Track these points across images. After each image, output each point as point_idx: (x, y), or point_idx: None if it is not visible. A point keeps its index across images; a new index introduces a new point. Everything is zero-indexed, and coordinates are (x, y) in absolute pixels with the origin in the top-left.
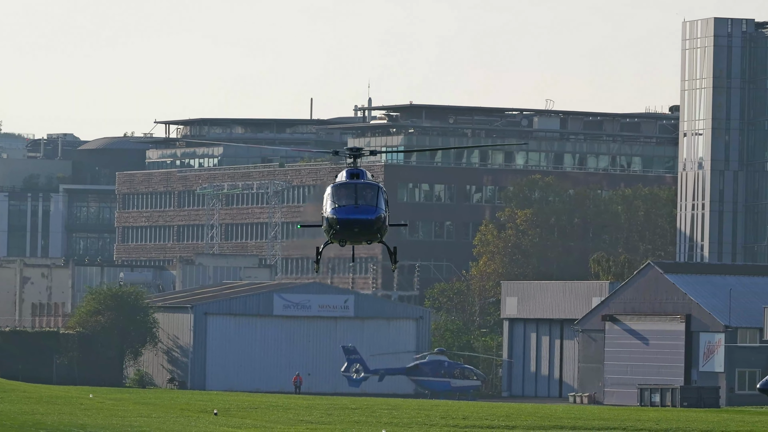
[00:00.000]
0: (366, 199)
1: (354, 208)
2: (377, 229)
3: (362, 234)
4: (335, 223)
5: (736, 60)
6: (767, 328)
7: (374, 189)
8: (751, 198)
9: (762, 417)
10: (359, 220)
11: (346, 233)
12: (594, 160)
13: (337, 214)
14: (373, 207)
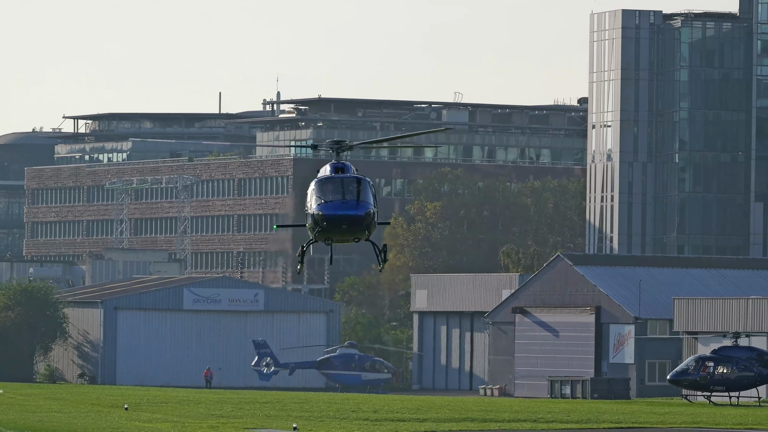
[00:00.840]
0: (353, 193)
1: (341, 203)
2: (366, 226)
3: (350, 231)
4: (321, 220)
5: (644, 52)
6: (677, 320)
7: (362, 183)
8: (660, 190)
9: (672, 408)
10: (347, 217)
11: (332, 231)
12: (503, 153)
13: (323, 210)
14: (362, 202)
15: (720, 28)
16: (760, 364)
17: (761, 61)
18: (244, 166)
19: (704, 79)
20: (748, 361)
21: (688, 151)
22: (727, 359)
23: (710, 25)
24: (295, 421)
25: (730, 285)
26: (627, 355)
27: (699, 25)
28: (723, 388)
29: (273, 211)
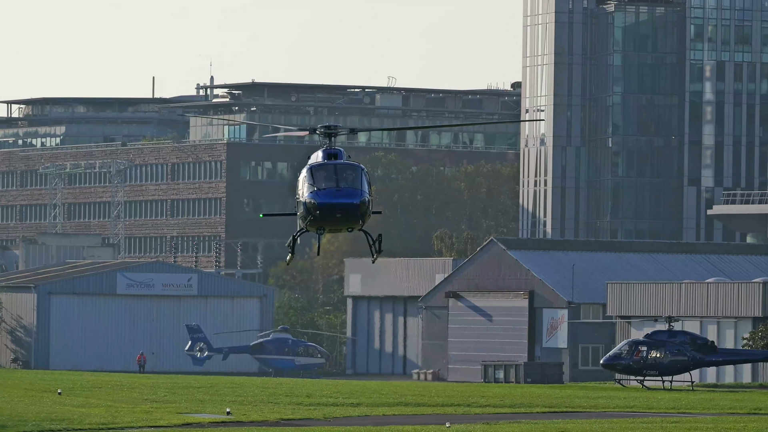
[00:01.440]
0: (348, 180)
1: (336, 191)
2: (361, 215)
3: (344, 220)
4: (314, 208)
5: (577, 36)
6: (610, 304)
7: (357, 170)
8: (593, 174)
9: (605, 392)
10: (342, 205)
11: (326, 220)
12: (436, 138)
13: (316, 198)
14: (357, 190)
15: (653, 12)
16: (693, 348)
17: (694, 46)
18: (178, 150)
19: (637, 64)
20: (681, 345)
21: (622, 136)
22: (660, 344)
23: (643, 10)
24: (229, 405)
25: (663, 269)
26: (560, 340)
27: (632, 9)
28: (656, 372)
29: (206, 196)
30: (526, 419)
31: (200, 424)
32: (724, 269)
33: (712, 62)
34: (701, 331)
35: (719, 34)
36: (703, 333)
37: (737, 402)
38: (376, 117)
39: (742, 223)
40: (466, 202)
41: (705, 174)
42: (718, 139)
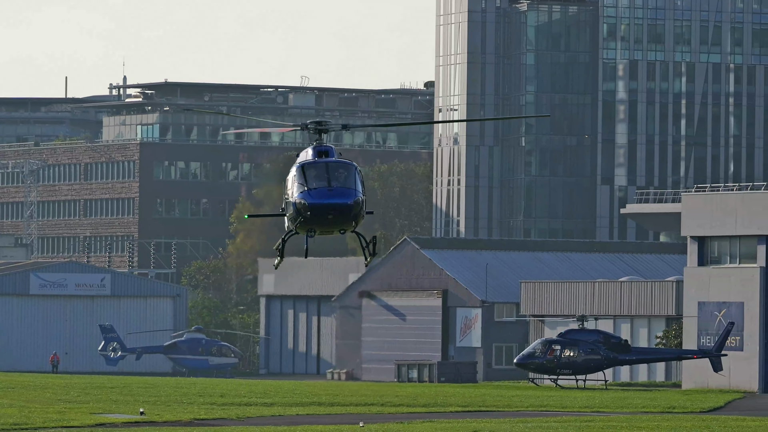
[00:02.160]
0: (340, 180)
1: (327, 191)
2: (354, 216)
3: (336, 222)
4: (305, 209)
5: (490, 35)
6: (523, 303)
7: (350, 169)
8: (506, 173)
9: (519, 392)
10: (334, 206)
11: (317, 221)
12: (349, 137)
13: (307, 198)
14: (351, 189)
15: (566, 11)
16: (606, 347)
17: (607, 45)
18: (91, 150)
19: (550, 63)
20: (594, 344)
21: (535, 135)
22: (573, 342)
23: (556, 9)
24: (142, 405)
25: (576, 268)
26: (474, 339)
27: (545, 8)
28: (570, 371)
29: (119, 196)
30: (440, 419)
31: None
32: (638, 268)
33: (625, 61)
34: (615, 330)
35: (632, 33)
36: (617, 332)
37: (651, 401)
38: (289, 116)
39: (655, 221)
40: (379, 201)
41: (618, 173)
42: (631, 137)
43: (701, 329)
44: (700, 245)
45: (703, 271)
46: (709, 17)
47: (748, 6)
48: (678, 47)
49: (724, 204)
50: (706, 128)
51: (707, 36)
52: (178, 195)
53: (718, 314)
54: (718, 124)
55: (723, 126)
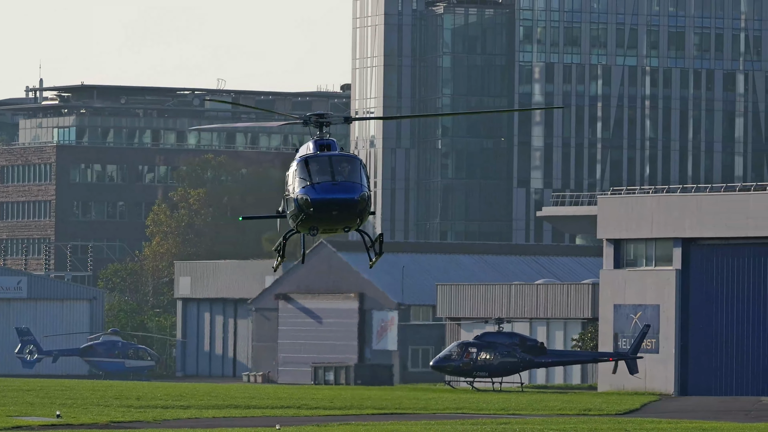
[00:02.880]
0: (345, 174)
1: (331, 185)
2: (359, 212)
3: (341, 218)
4: (307, 205)
5: (406, 38)
6: (440, 306)
7: (354, 162)
8: (422, 176)
9: (434, 394)
10: (338, 201)
11: (321, 218)
12: (266, 140)
13: (309, 193)
14: (356, 184)
15: (482, 14)
16: (522, 349)
17: (523, 48)
18: (7, 153)
19: (467, 66)
20: (510, 346)
21: (451, 137)
22: (489, 345)
23: (473, 12)
24: (59, 408)
25: (492, 271)
26: (390, 342)
27: (461, 11)
28: (486, 373)
29: (36, 198)
30: (356, 421)
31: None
32: (554, 271)
33: (541, 64)
34: (531, 333)
35: (548, 36)
36: (533, 334)
37: (567, 403)
38: (205, 119)
39: (571, 224)
40: None
41: (534, 176)
42: (547, 140)
43: (617, 332)
44: (615, 248)
45: (619, 273)
46: (625, 20)
47: (664, 9)
48: (594, 50)
49: (640, 207)
50: (622, 131)
51: (623, 39)
52: (95, 198)
53: (634, 317)
54: (633, 126)
55: (639, 129)
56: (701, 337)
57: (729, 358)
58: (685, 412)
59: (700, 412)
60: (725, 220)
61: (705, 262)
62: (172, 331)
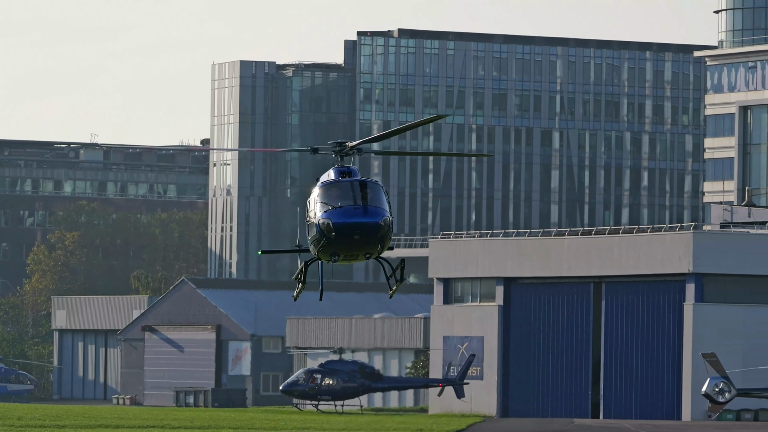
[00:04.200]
0: (367, 199)
1: (353, 209)
2: (381, 238)
3: (362, 244)
4: (329, 229)
5: (259, 98)
6: (289, 337)
7: (376, 188)
8: (273, 221)
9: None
10: (361, 225)
11: (342, 243)
12: (134, 188)
13: (332, 217)
14: (378, 209)
15: (327, 77)
16: (362, 375)
17: (363, 107)
18: None
19: (313, 123)
20: (351, 373)
21: (299, 186)
22: (332, 372)
23: (318, 75)
24: None
25: (336, 305)
26: (244, 368)
27: (308, 74)
28: (329, 397)
29: None
30: None
31: None
32: (390, 306)
33: (379, 121)
34: (369, 361)
35: (385, 96)
36: (371, 362)
37: (401, 423)
38: (80, 170)
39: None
40: (160, 245)
41: None
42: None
43: (446, 360)
44: (445, 286)
45: (448, 308)
46: (454, 83)
47: (488, 73)
48: (426, 109)
49: (467, 249)
50: (450, 182)
51: (452, 99)
52: None
53: (461, 347)
54: (461, 178)
55: (466, 179)
56: (520, 366)
57: (545, 384)
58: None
59: None
60: (542, 262)
61: (524, 298)
62: (50, 359)
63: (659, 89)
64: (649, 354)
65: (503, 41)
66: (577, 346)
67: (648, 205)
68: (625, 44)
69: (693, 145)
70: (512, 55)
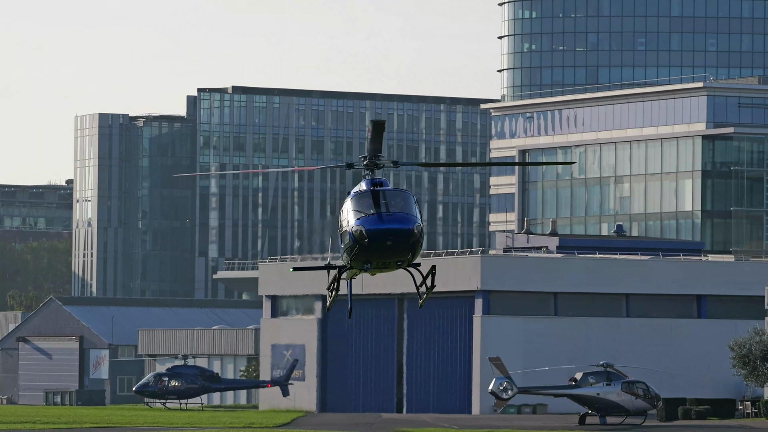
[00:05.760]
0: (399, 206)
1: (386, 216)
2: (413, 244)
3: (395, 250)
4: (362, 236)
5: (115, 144)
6: (141, 345)
7: (407, 197)
8: (127, 248)
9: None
10: (394, 231)
11: (375, 249)
12: (9, 221)
13: (365, 224)
14: (410, 216)
15: (172, 126)
16: (202, 378)
17: (203, 152)
18: None
19: (161, 165)
20: (193, 376)
21: (149, 219)
22: (178, 375)
23: (165, 125)
24: None
25: (180, 319)
26: (103, 372)
27: (156, 124)
28: (175, 396)
29: None
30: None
31: None
32: (226, 319)
33: (216, 164)
34: (209, 365)
35: (221, 143)
36: (210, 367)
37: (236, 418)
38: None
39: (239, 284)
40: (31, 269)
41: (211, 248)
42: (221, 221)
43: (274, 365)
44: (273, 302)
45: (275, 321)
46: (279, 131)
47: (308, 123)
48: (256, 154)
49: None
50: (277, 214)
51: (278, 145)
52: None
53: (286, 354)
54: (285, 211)
55: (289, 212)
56: (336, 369)
57: (357, 384)
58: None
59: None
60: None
61: (339, 312)
62: None
63: (452, 136)
64: (445, 358)
65: (320, 96)
66: (384, 352)
67: (443, 233)
68: (423, 98)
69: (480, 183)
70: (328, 107)
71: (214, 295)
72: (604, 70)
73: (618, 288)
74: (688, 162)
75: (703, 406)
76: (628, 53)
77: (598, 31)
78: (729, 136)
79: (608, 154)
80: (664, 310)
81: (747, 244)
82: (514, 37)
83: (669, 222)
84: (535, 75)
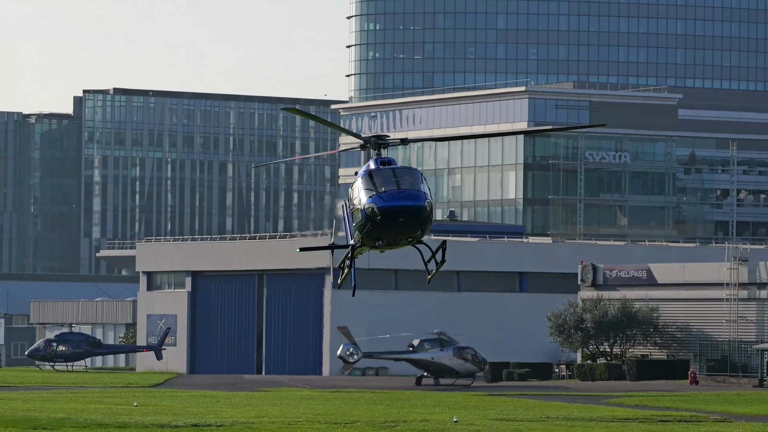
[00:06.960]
0: (408, 184)
1: (398, 193)
2: (423, 221)
3: (407, 227)
4: (374, 213)
5: (10, 139)
6: (33, 315)
7: (416, 174)
8: (21, 230)
9: (30, 374)
10: (405, 208)
11: (387, 226)
12: None
13: (377, 202)
14: (421, 192)
15: (61, 123)
16: (87, 344)
17: (88, 145)
18: None
19: (50, 158)
20: (79, 342)
21: (40, 204)
22: (65, 340)
23: (54, 122)
24: None
25: (67, 292)
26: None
27: (47, 121)
28: (63, 360)
29: None
30: None
31: None
32: (108, 292)
33: (99, 156)
34: (92, 332)
35: (104, 137)
36: (93, 333)
37: (116, 379)
38: None
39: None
40: None
41: (95, 230)
42: (104, 206)
43: (149, 332)
44: (148, 277)
45: (150, 294)
46: (154, 128)
47: (180, 120)
48: (134, 147)
49: (165, 250)
50: (152, 200)
51: (154, 140)
52: None
53: (160, 322)
54: (161, 197)
55: (164, 198)
56: (204, 336)
57: (222, 349)
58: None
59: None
60: (220, 260)
61: (207, 286)
62: None
63: (306, 132)
64: (299, 326)
65: (191, 97)
66: (245, 321)
67: (298, 218)
68: (281, 99)
69: (331, 173)
70: (198, 107)
71: (97, 271)
72: (439, 76)
73: (451, 266)
74: (512, 156)
75: (524, 369)
76: (460, 61)
77: (434, 41)
78: (547, 134)
79: (442, 149)
80: (490, 285)
81: (563, 228)
82: (361, 46)
83: (495, 208)
84: (379, 79)
